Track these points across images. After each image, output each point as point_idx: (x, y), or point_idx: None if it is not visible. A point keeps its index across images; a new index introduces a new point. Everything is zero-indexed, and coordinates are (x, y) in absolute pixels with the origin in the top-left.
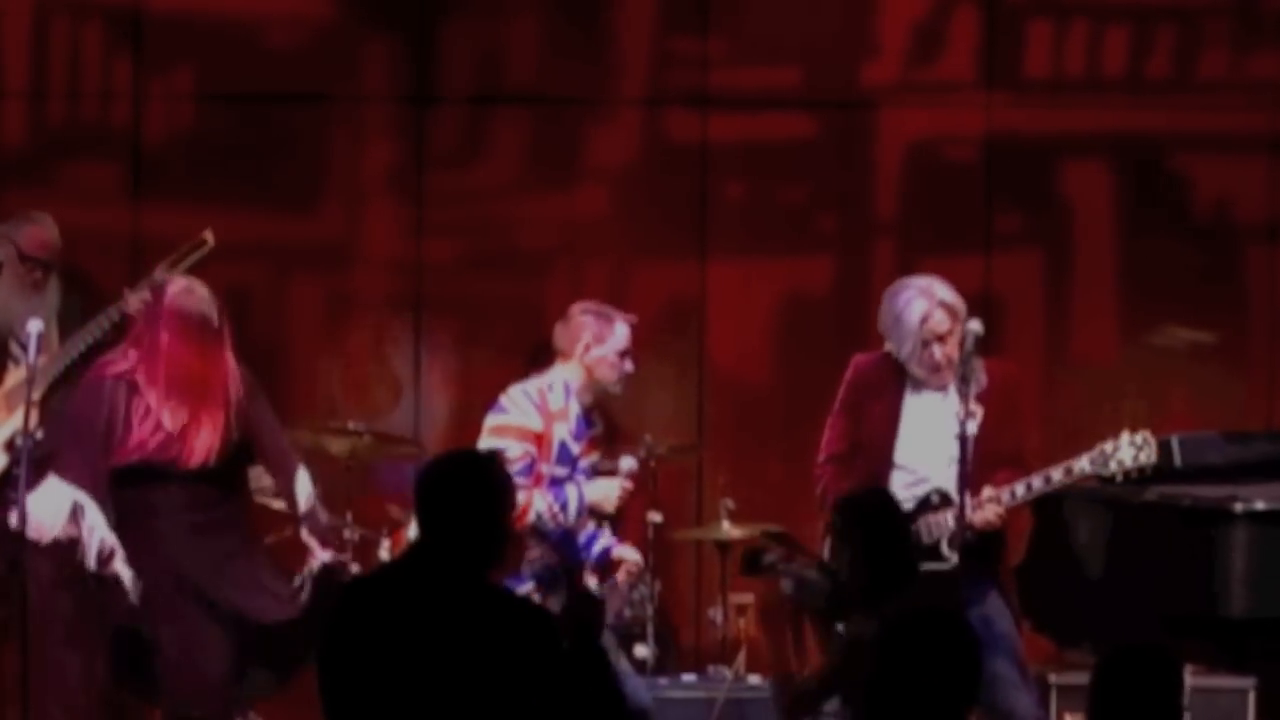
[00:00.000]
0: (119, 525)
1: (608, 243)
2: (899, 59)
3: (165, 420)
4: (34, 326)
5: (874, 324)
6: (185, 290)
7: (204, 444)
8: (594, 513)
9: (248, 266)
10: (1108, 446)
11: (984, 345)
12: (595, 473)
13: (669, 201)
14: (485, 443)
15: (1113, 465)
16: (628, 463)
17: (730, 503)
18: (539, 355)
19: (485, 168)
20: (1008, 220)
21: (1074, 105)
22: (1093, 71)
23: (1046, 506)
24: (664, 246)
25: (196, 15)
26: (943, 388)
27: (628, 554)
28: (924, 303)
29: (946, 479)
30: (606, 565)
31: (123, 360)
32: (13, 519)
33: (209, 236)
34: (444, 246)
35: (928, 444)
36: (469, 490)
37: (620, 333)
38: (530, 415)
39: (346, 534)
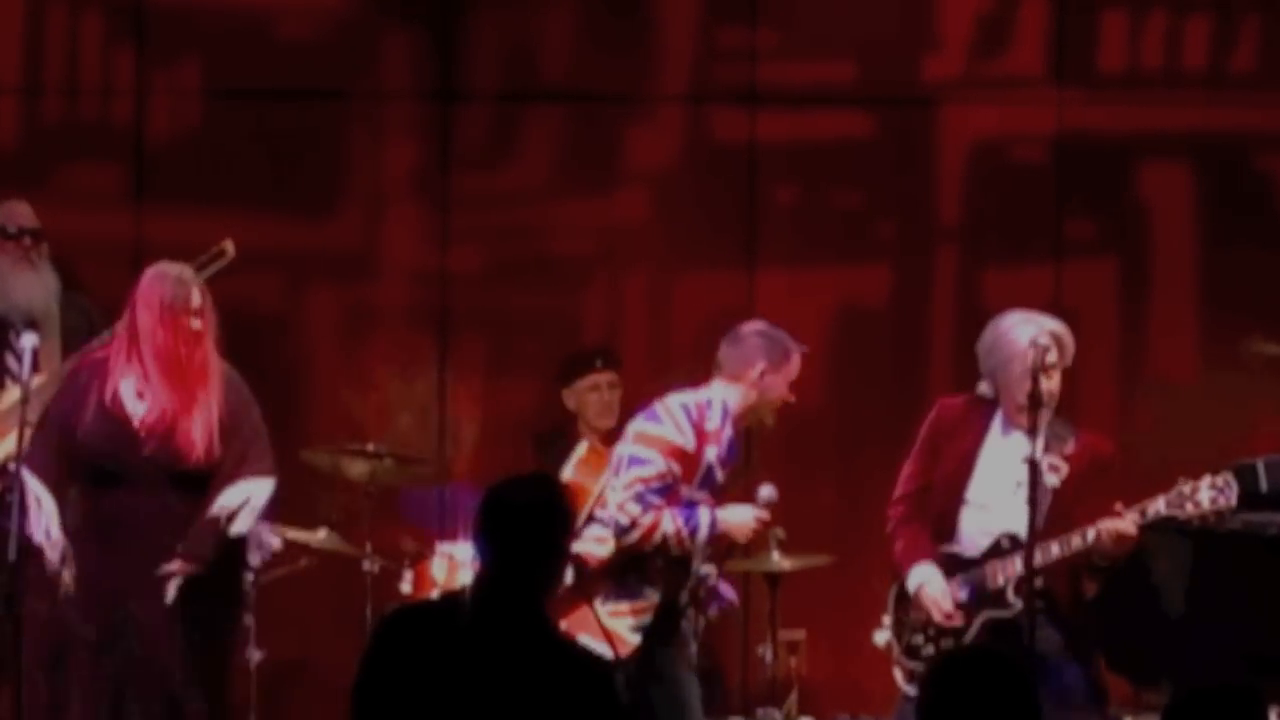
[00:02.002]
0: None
1: (648, 250)
2: (962, 52)
3: (151, 400)
4: (28, 340)
5: (935, 339)
6: (158, 274)
7: (201, 437)
8: (718, 543)
9: (259, 276)
10: (1185, 488)
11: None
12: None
13: (714, 206)
14: (627, 449)
15: (1189, 508)
16: (767, 491)
17: (780, 532)
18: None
19: (516, 170)
20: (1080, 226)
21: (1151, 102)
22: (1171, 66)
23: None
24: (709, 254)
25: (203, 5)
26: (1029, 428)
27: (726, 590)
28: (1031, 327)
29: (1018, 520)
30: (704, 594)
31: (101, 348)
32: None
33: (229, 247)
34: (471, 255)
35: (1003, 483)
36: (537, 518)
37: (795, 362)
38: (685, 432)
39: (365, 565)
